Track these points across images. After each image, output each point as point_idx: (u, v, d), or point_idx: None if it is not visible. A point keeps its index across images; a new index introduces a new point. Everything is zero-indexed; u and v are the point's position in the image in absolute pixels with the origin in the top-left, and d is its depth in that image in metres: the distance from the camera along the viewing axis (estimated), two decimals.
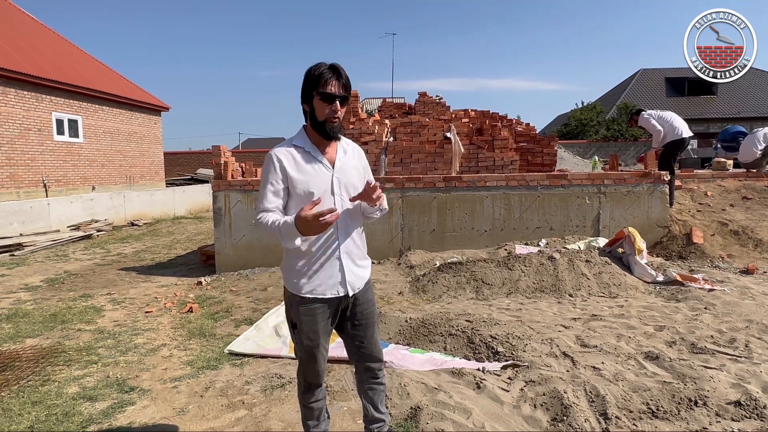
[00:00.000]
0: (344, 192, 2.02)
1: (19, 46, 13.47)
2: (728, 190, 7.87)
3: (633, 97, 27.91)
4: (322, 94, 1.92)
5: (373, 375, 2.21)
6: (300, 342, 2.05)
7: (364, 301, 2.11)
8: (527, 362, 3.24)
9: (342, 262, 2.01)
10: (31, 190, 12.66)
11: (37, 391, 3.20)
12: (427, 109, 11.17)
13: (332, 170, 2.01)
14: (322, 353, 2.07)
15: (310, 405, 2.17)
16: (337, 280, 2.01)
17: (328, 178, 1.99)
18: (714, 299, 4.50)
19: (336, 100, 1.93)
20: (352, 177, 2.05)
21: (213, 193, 6.75)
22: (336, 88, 1.93)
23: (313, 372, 2.11)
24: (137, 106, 17.13)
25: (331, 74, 1.92)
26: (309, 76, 1.94)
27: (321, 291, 1.99)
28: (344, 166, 2.05)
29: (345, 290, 2.02)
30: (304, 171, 1.96)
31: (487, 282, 5.11)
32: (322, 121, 1.96)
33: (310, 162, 1.99)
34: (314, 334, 2.02)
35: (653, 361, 3.21)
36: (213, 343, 4.04)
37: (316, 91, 1.93)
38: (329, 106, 1.94)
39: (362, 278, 2.10)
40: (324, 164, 2.00)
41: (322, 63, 1.96)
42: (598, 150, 22.74)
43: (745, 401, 2.60)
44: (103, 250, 9.14)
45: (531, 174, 6.78)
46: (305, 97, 1.98)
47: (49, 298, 5.71)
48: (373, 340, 2.17)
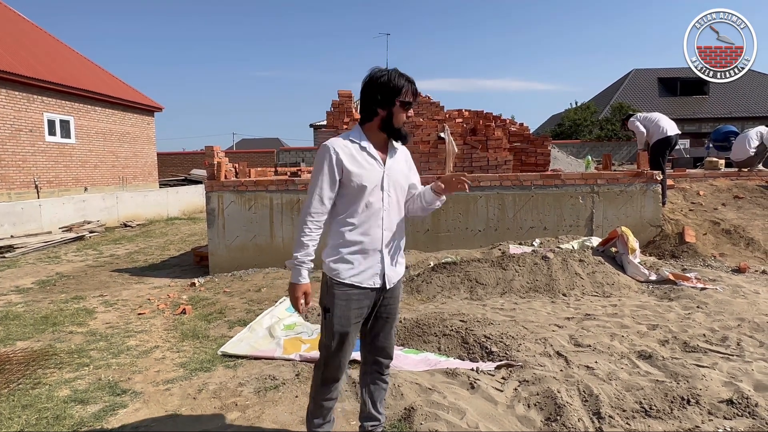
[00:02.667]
0: (392, 189, 2.12)
1: (10, 46, 13.35)
2: (720, 190, 7.93)
3: (626, 97, 28.05)
4: (403, 103, 2.06)
5: (380, 370, 2.26)
6: (331, 327, 2.07)
7: (392, 296, 2.18)
8: (521, 362, 3.24)
9: (383, 255, 2.09)
10: (23, 192, 12.55)
11: (28, 395, 3.17)
12: (421, 110, 11.16)
13: (384, 167, 2.10)
14: (350, 342, 2.11)
15: (322, 402, 2.18)
16: (376, 271, 2.08)
17: (380, 175, 2.08)
18: (706, 298, 4.53)
19: (411, 107, 2.12)
20: (399, 176, 2.16)
21: (206, 193, 6.72)
22: (412, 96, 2.10)
23: (336, 363, 2.13)
24: (130, 107, 17.03)
25: (409, 84, 2.07)
26: (388, 84, 2.05)
27: (360, 279, 2.06)
28: (394, 165, 2.15)
29: (382, 283, 2.09)
30: (359, 164, 2.05)
31: (481, 282, 5.11)
32: (399, 127, 2.10)
33: (366, 158, 2.08)
34: (346, 320, 2.06)
35: (646, 360, 3.23)
36: (206, 344, 4.02)
37: (398, 99, 2.05)
38: (406, 113, 2.10)
39: (399, 274, 2.18)
40: (377, 161, 2.10)
41: (394, 70, 2.08)
42: (591, 150, 22.83)
43: (737, 399, 2.61)
44: (95, 251, 9.07)
45: (525, 174, 6.80)
46: (384, 103, 2.06)
47: (40, 300, 5.66)
48: (390, 335, 2.24)
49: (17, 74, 12.22)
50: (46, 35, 16.88)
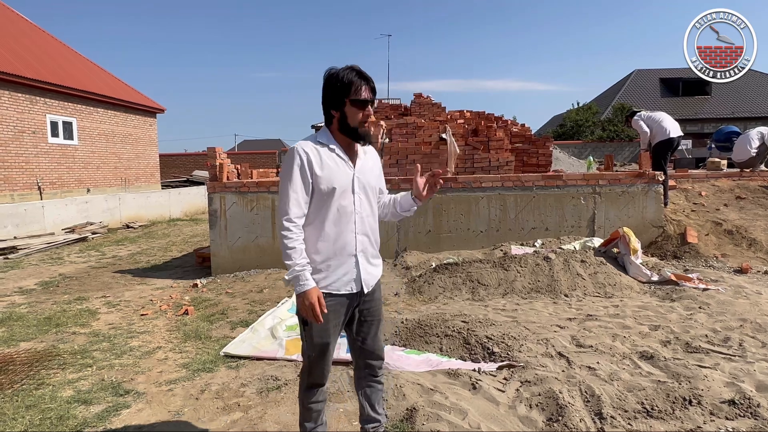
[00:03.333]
0: (362, 192, 2.06)
1: (13, 48, 13.40)
2: (722, 190, 7.91)
3: (628, 97, 28.02)
4: (354, 101, 1.95)
5: (373, 372, 2.23)
6: (311, 339, 2.05)
7: (372, 299, 2.14)
8: (523, 362, 3.25)
9: (358, 259, 2.04)
10: (26, 193, 12.60)
11: (32, 395, 3.18)
12: (422, 111, 11.17)
13: (354, 170, 2.04)
14: (330, 351, 2.10)
15: (309, 405, 2.16)
16: (352, 277, 2.04)
17: (350, 177, 2.03)
18: (708, 298, 4.52)
19: (368, 105, 1.98)
20: (370, 178, 2.11)
21: (208, 195, 6.73)
22: (367, 93, 1.97)
23: (319, 370, 2.12)
24: (132, 108, 17.07)
25: (361, 80, 1.95)
26: (337, 83, 1.95)
27: (336, 287, 2.02)
28: (364, 166, 2.09)
29: (359, 287, 2.05)
30: (327, 168, 1.98)
31: (482, 283, 5.12)
32: (355, 127, 1.99)
33: (334, 159, 2.01)
34: (325, 330, 2.03)
35: (648, 361, 3.23)
36: (208, 345, 4.03)
37: (348, 98, 1.95)
38: (362, 111, 1.98)
39: (375, 276, 2.14)
40: (347, 163, 2.04)
41: (346, 68, 1.97)
42: (593, 150, 22.81)
43: (739, 400, 2.61)
44: (98, 252, 9.10)
45: (526, 175, 6.80)
46: (334, 103, 1.98)
47: (43, 301, 5.68)
48: (377, 337, 2.20)
49: (20, 76, 12.27)
50: (48, 37, 16.93)
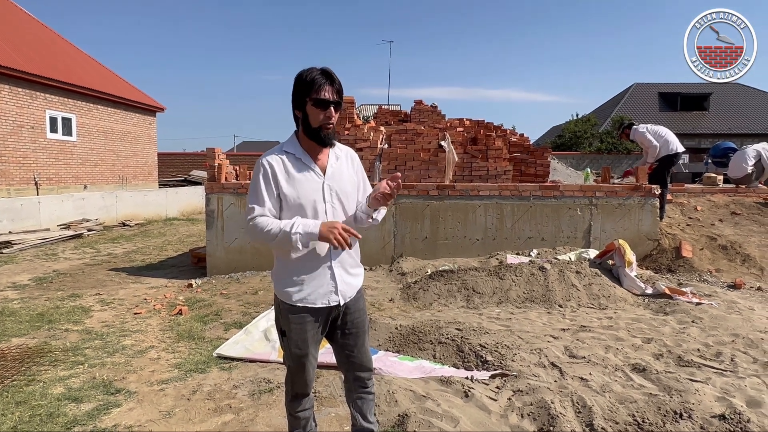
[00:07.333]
0: (335, 200, 1.98)
1: (14, 43, 13.40)
2: (717, 205, 7.96)
3: (626, 110, 28.19)
4: (315, 100, 1.88)
5: (363, 384, 2.17)
6: (288, 350, 2.02)
7: (355, 310, 2.07)
8: (516, 372, 3.25)
9: (334, 270, 1.97)
10: (22, 188, 12.56)
11: (22, 391, 3.16)
12: (422, 117, 11.22)
13: (323, 177, 1.97)
14: (311, 362, 2.04)
15: (296, 414, 2.14)
16: (328, 288, 1.97)
17: (319, 186, 1.95)
18: (701, 313, 4.54)
19: (330, 105, 1.90)
20: (344, 184, 2.02)
21: (206, 195, 6.73)
22: (330, 93, 1.89)
23: (301, 381, 2.08)
24: (132, 106, 17.07)
25: (324, 79, 1.88)
26: (300, 82, 1.90)
27: (312, 300, 1.95)
28: (336, 172, 2.00)
29: (336, 299, 1.98)
30: (294, 180, 1.92)
31: (477, 291, 5.13)
32: (317, 128, 1.92)
33: (301, 170, 1.94)
34: (303, 343, 1.98)
35: (640, 373, 3.24)
36: (202, 346, 4.02)
37: (309, 97, 1.88)
38: (323, 112, 1.89)
39: (354, 287, 2.06)
40: (315, 171, 1.96)
41: (313, 68, 1.91)
42: (591, 162, 22.92)
43: (730, 414, 2.62)
44: (93, 249, 9.07)
45: (524, 184, 6.83)
46: (297, 103, 1.93)
47: (36, 297, 5.65)
48: (363, 349, 2.14)
49: (21, 71, 12.25)
50: (50, 32, 16.93)
